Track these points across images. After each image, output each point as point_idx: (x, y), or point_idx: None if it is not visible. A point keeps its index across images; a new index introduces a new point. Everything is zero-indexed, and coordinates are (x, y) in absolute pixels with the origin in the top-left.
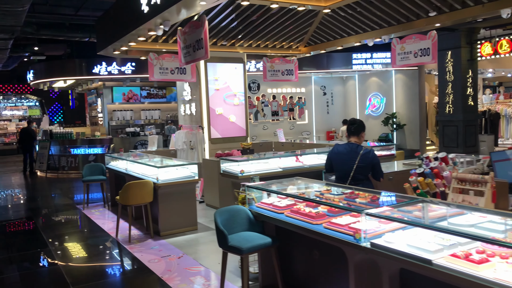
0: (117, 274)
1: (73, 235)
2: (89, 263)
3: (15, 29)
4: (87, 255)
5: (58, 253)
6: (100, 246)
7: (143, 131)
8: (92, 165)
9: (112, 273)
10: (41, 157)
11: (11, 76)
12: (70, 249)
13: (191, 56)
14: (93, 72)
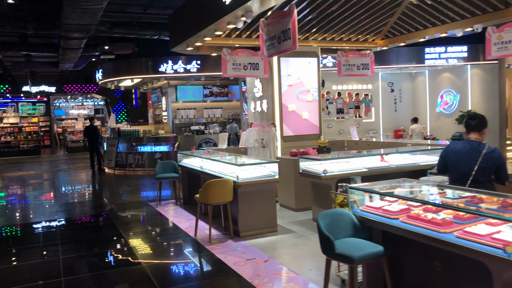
0: (204, 276)
1: (151, 233)
2: (173, 263)
3: (90, 28)
4: (169, 254)
5: (139, 252)
6: (181, 246)
7: (207, 129)
8: (164, 162)
9: (198, 275)
10: (110, 154)
11: (78, 76)
12: (151, 247)
13: (276, 48)
14: (159, 70)
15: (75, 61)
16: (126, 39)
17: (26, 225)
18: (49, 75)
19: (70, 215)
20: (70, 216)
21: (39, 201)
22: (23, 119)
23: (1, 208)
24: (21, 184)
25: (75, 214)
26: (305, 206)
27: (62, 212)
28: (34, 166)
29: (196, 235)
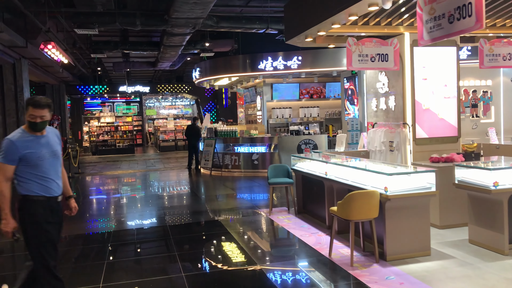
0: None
1: (278, 249)
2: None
3: (197, 22)
4: (310, 282)
5: (273, 278)
6: (319, 269)
7: (308, 129)
8: (276, 166)
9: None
10: (207, 154)
11: (170, 76)
12: (285, 269)
13: (444, 29)
14: (258, 68)
15: (174, 60)
16: (226, 35)
17: (140, 231)
18: (142, 75)
19: (180, 220)
20: (180, 221)
21: (147, 203)
22: (118, 119)
23: (112, 210)
24: (123, 184)
25: (186, 219)
26: (451, 223)
27: (172, 216)
28: (131, 164)
29: (330, 255)
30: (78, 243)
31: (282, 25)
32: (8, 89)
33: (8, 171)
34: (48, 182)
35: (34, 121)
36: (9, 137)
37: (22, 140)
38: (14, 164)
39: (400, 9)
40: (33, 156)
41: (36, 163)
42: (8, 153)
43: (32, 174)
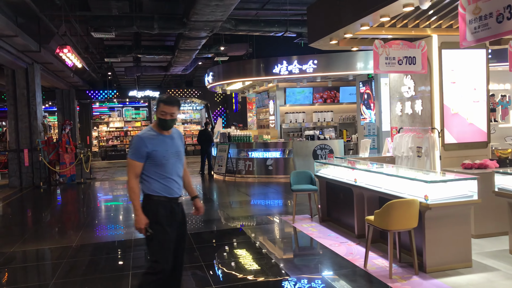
0: None
1: (309, 260)
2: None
3: (216, 25)
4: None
5: (308, 283)
6: (356, 280)
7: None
8: (299, 172)
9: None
10: (220, 159)
11: (180, 81)
12: (322, 283)
13: (491, 30)
14: (273, 72)
15: (187, 64)
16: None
17: None
18: (151, 80)
19: (200, 227)
20: (201, 228)
21: None
22: (127, 124)
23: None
24: None
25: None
26: (487, 232)
27: (191, 224)
28: None
29: (366, 266)
30: (101, 252)
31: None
32: (20, 94)
33: (137, 168)
34: (170, 183)
35: (164, 118)
36: (138, 134)
37: (150, 138)
38: (143, 161)
39: (429, 11)
40: (159, 154)
41: (161, 162)
42: (137, 150)
43: (156, 173)
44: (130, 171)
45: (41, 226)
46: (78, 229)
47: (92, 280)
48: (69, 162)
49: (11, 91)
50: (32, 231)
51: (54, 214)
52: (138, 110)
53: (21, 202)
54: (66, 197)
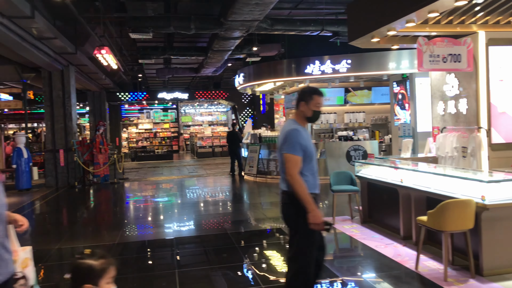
0: None
1: (357, 260)
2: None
3: (252, 25)
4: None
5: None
6: (409, 283)
7: (356, 134)
8: (339, 172)
9: None
10: (251, 160)
11: (207, 83)
12: (371, 280)
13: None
14: (305, 72)
15: (218, 66)
16: (273, 40)
17: (204, 238)
18: (179, 82)
19: (240, 227)
20: (240, 228)
21: (200, 209)
22: (155, 125)
23: (169, 216)
24: (170, 189)
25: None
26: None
27: (231, 223)
28: (172, 170)
29: (417, 268)
30: (143, 250)
31: (338, 27)
32: (56, 96)
33: (299, 162)
34: (316, 179)
35: (319, 110)
36: (292, 127)
37: (303, 131)
38: (301, 155)
39: (475, 7)
40: (310, 149)
41: (311, 157)
42: (296, 144)
43: (307, 168)
44: (292, 167)
45: (81, 224)
46: (117, 228)
47: (140, 278)
48: (102, 162)
49: (48, 93)
50: (73, 229)
51: (92, 213)
52: (167, 111)
53: (59, 201)
54: (102, 197)
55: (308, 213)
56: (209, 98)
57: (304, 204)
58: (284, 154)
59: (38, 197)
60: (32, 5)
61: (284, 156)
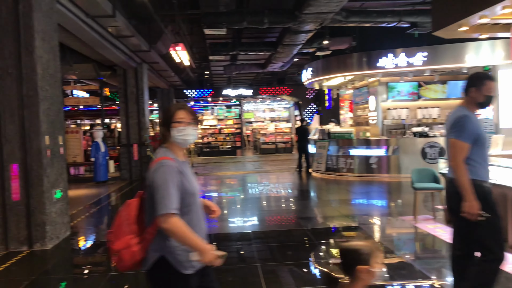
0: None
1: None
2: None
3: (327, 17)
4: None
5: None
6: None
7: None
8: (421, 169)
9: None
10: (319, 157)
11: (271, 79)
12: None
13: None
14: (376, 66)
15: (286, 60)
16: (344, 33)
17: (282, 233)
18: (242, 79)
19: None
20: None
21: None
22: (220, 122)
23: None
24: (239, 184)
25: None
26: None
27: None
28: (238, 166)
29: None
30: (222, 244)
31: (416, 18)
32: (130, 92)
33: (466, 150)
34: (487, 167)
35: (491, 95)
36: (464, 113)
37: (474, 118)
38: (469, 142)
39: None
40: (483, 136)
41: (483, 144)
42: (467, 130)
43: (478, 155)
44: (457, 154)
45: None
46: None
47: (221, 271)
48: None
49: (123, 90)
50: None
51: None
52: (230, 108)
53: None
54: None
55: (464, 201)
56: (273, 94)
57: (462, 191)
58: (451, 140)
59: (115, 190)
60: (113, 4)
61: (450, 141)
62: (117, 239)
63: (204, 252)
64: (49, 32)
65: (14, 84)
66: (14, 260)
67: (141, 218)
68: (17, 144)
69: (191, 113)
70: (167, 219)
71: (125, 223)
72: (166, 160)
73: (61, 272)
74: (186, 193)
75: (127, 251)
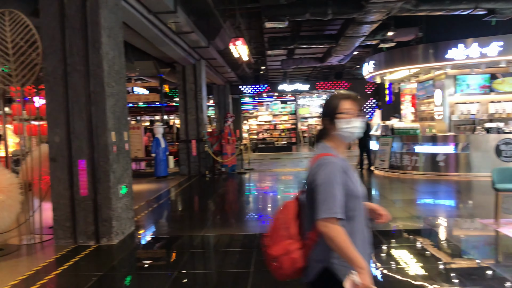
0: None
1: None
2: None
3: (395, 6)
4: None
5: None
6: None
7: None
8: (503, 169)
9: None
10: (382, 154)
11: (328, 73)
12: None
13: None
14: (445, 57)
15: (347, 53)
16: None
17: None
18: (298, 74)
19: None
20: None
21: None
22: (274, 117)
23: None
24: (299, 181)
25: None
26: None
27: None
28: (295, 162)
29: None
30: None
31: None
32: (189, 89)
33: None
34: None
35: None
36: None
37: None
38: None
39: None
40: None
41: None
42: None
43: None
44: None
45: (219, 212)
46: (258, 219)
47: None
48: (230, 153)
49: (182, 86)
50: (213, 217)
51: (228, 201)
52: (285, 104)
53: (193, 189)
54: (234, 186)
55: None
56: (330, 89)
57: None
58: None
59: (174, 185)
60: (175, 0)
61: None
62: (274, 244)
63: (362, 271)
64: (114, 28)
65: (82, 80)
66: (82, 254)
67: (300, 221)
68: (85, 140)
69: (358, 103)
70: (328, 223)
71: (283, 227)
72: (330, 157)
73: (128, 268)
74: (350, 195)
75: (287, 257)
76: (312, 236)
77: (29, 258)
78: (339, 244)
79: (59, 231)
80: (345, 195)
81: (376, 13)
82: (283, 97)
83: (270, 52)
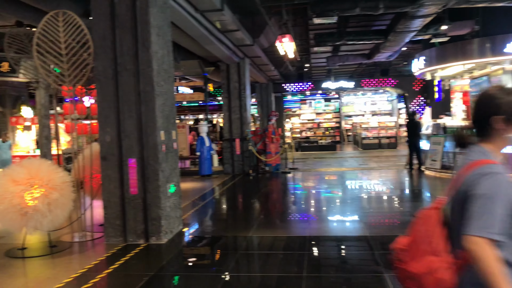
0: None
1: None
2: None
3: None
4: None
5: None
6: None
7: None
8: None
9: None
10: (433, 153)
11: (373, 70)
12: None
13: None
14: (503, 51)
15: (396, 49)
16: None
17: None
18: (342, 71)
19: None
20: None
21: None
22: (318, 116)
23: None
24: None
25: None
26: None
27: None
28: (340, 162)
29: None
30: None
31: None
32: (233, 88)
33: None
34: None
35: None
36: None
37: None
38: None
39: None
40: None
41: None
42: None
43: None
44: None
45: (265, 212)
46: (304, 220)
47: (347, 280)
48: (274, 152)
49: (226, 85)
50: (259, 217)
51: (274, 201)
52: (329, 101)
53: (237, 188)
54: (278, 186)
55: None
56: (376, 86)
57: None
58: None
59: (219, 184)
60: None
61: None
62: (414, 259)
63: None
64: (163, 27)
65: (132, 79)
66: (132, 253)
67: (446, 235)
68: (135, 139)
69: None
70: (478, 242)
71: (426, 241)
72: (496, 166)
73: (177, 268)
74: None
75: (430, 277)
76: (465, 255)
77: (81, 255)
78: (488, 269)
79: (109, 229)
80: (509, 215)
81: (431, 6)
82: (326, 95)
83: (316, 49)
